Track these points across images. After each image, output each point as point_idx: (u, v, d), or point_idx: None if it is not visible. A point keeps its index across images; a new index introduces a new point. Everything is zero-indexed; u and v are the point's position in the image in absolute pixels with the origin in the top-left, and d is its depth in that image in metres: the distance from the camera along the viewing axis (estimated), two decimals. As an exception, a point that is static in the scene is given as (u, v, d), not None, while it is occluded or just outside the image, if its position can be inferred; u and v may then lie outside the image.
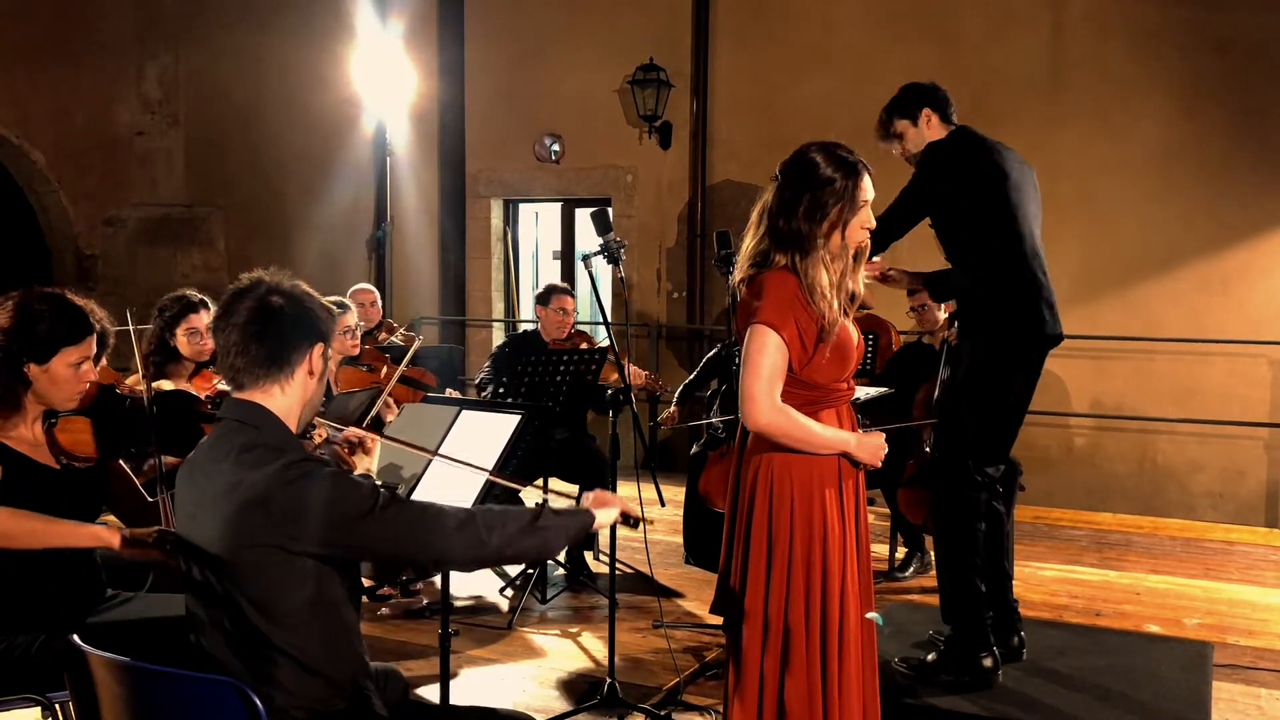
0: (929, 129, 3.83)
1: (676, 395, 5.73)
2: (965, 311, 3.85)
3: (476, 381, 5.63)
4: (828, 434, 2.58)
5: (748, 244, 2.63)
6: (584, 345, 5.55)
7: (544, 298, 5.62)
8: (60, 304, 2.71)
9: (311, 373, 2.14)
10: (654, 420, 5.85)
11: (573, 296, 5.66)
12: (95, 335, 2.76)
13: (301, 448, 2.11)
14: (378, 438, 2.49)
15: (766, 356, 2.51)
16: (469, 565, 2.27)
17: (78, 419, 2.83)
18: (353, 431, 2.48)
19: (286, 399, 2.11)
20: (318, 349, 2.14)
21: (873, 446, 2.62)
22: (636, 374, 5.27)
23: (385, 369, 5.08)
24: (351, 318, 4.95)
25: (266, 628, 1.99)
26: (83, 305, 2.76)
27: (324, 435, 2.38)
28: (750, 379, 2.52)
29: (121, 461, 3.20)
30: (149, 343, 4.36)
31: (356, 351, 5.06)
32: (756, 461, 2.61)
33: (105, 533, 2.62)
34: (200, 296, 4.39)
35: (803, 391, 2.57)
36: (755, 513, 2.60)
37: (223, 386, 4.24)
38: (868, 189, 2.60)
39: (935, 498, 3.93)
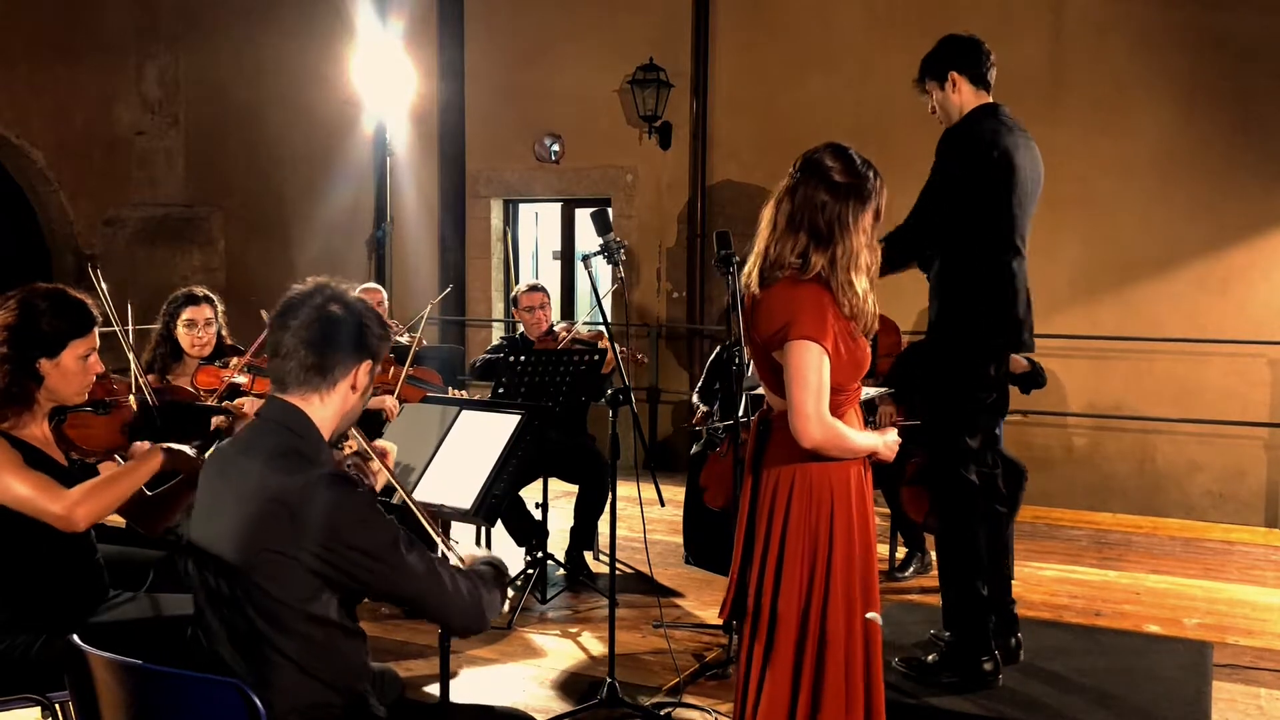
0: (956, 94, 3.72)
1: (697, 398, 5.79)
2: (943, 312, 3.75)
3: (475, 363, 5.71)
4: (862, 439, 2.64)
5: (778, 243, 2.61)
6: (564, 336, 5.56)
7: (514, 301, 5.75)
8: (61, 298, 2.76)
9: (354, 388, 2.15)
10: (691, 424, 5.86)
11: (540, 292, 5.67)
12: (97, 327, 2.82)
13: (333, 461, 2.12)
14: (391, 450, 2.50)
15: (813, 371, 2.52)
16: (461, 630, 2.21)
17: (85, 414, 2.88)
18: (381, 444, 2.49)
19: (325, 409, 2.12)
20: (364, 365, 2.15)
21: (893, 443, 2.72)
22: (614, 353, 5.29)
23: (392, 369, 5.08)
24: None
25: (268, 630, 1.99)
26: (82, 298, 2.81)
27: (354, 447, 2.40)
28: (800, 396, 2.52)
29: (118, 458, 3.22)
30: (155, 339, 4.39)
31: None
32: (792, 472, 2.61)
33: (154, 460, 2.78)
34: (204, 292, 4.40)
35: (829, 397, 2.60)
36: (791, 521, 2.60)
37: (232, 380, 4.28)
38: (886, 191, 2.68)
39: (935, 504, 3.91)
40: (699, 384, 5.87)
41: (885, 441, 2.69)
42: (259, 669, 2.01)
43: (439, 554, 2.19)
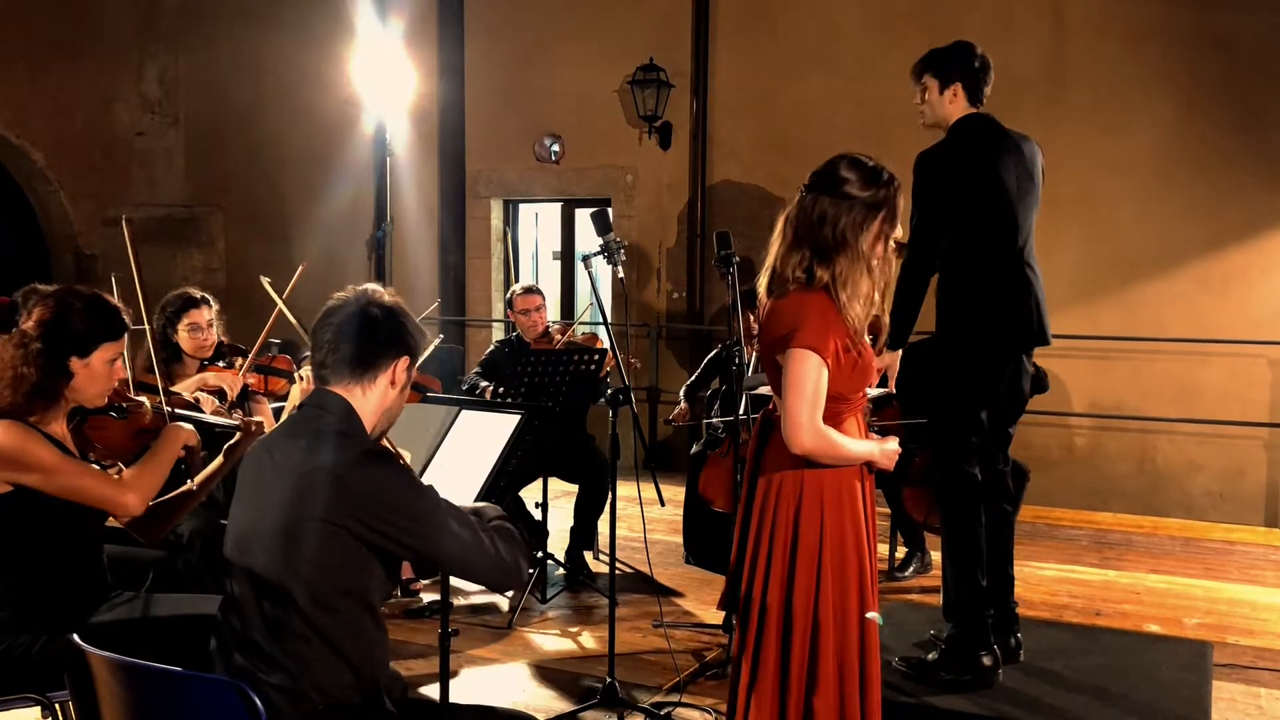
0: (951, 103, 3.79)
1: (682, 394, 5.80)
2: (948, 310, 3.79)
3: (465, 383, 5.59)
4: (858, 447, 2.64)
5: (784, 256, 2.62)
6: (559, 338, 5.56)
7: (509, 303, 5.72)
8: (97, 301, 2.83)
9: (394, 383, 2.24)
10: (669, 420, 5.88)
11: (537, 294, 5.64)
12: (127, 335, 2.88)
13: (374, 440, 2.23)
14: (406, 456, 2.58)
15: (809, 380, 2.53)
16: (500, 587, 2.42)
17: (105, 417, 2.93)
18: (403, 454, 2.56)
19: (366, 402, 2.21)
20: (403, 361, 2.24)
21: (891, 453, 2.71)
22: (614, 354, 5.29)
23: None
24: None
25: (306, 606, 2.05)
26: (116, 304, 2.87)
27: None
28: (795, 403, 2.53)
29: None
30: (152, 341, 4.38)
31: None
32: (782, 478, 2.62)
33: (179, 434, 2.89)
34: (201, 294, 4.41)
35: (829, 405, 2.60)
36: (781, 519, 2.61)
37: (242, 381, 4.30)
38: (903, 200, 2.66)
39: (939, 499, 3.95)
40: (690, 380, 5.86)
41: (884, 450, 2.69)
42: (287, 643, 2.06)
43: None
